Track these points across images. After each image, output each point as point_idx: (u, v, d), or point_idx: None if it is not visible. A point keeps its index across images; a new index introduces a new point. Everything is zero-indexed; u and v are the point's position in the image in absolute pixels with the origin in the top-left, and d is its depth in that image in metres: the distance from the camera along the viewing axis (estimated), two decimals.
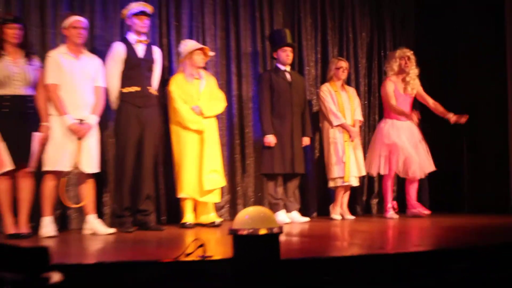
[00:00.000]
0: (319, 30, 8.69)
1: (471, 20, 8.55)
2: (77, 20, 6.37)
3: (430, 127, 8.38)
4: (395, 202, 8.02)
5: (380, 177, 8.20)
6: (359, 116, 7.94)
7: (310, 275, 3.85)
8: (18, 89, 6.06)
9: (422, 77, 8.18)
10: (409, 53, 8.04)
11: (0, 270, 2.06)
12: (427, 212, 7.91)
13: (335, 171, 7.73)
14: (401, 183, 8.38)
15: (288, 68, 7.66)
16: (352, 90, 8.10)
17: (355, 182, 7.87)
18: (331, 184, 7.85)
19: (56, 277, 2.49)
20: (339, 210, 7.85)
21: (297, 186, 7.71)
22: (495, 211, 7.90)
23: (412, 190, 8.03)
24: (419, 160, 7.87)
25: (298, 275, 3.80)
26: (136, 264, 3.94)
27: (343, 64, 7.94)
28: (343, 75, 7.93)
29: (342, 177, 7.71)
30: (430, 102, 8.08)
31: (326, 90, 7.87)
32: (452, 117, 7.79)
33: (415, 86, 8.03)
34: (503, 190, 8.19)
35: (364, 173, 7.91)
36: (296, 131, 7.55)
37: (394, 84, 7.99)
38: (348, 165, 7.69)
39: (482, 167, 8.47)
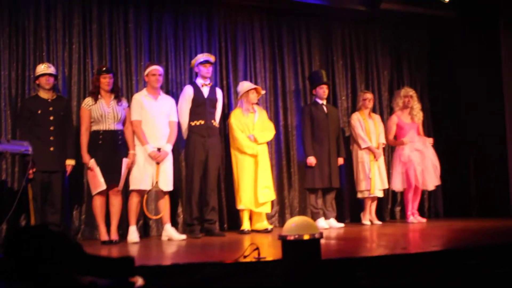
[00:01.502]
0: (349, 69, 8.63)
1: (473, 59, 8.48)
2: (155, 69, 6.46)
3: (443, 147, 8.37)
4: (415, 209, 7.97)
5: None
6: (383, 140, 7.88)
7: (346, 272, 3.84)
8: (110, 125, 6.17)
9: (433, 106, 8.30)
10: (412, 92, 8.05)
11: (93, 277, 2.09)
12: (423, 220, 7.86)
13: (362, 185, 7.70)
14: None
15: (324, 102, 7.65)
16: (377, 118, 8.03)
17: (380, 194, 7.80)
18: (359, 195, 7.81)
19: (140, 281, 2.51)
20: (368, 217, 7.80)
21: (334, 198, 7.65)
22: (498, 214, 7.80)
23: (415, 200, 7.94)
24: (430, 174, 7.79)
25: (336, 272, 3.79)
26: (204, 264, 3.95)
27: (368, 95, 7.90)
28: (369, 104, 7.88)
29: (368, 190, 7.67)
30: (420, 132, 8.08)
31: (356, 118, 7.84)
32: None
33: (420, 117, 8.02)
34: (505, 196, 8.13)
35: (387, 186, 7.83)
36: (332, 152, 7.52)
37: (398, 118, 7.97)
38: (373, 180, 7.63)
39: (486, 177, 8.38)
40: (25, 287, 2.03)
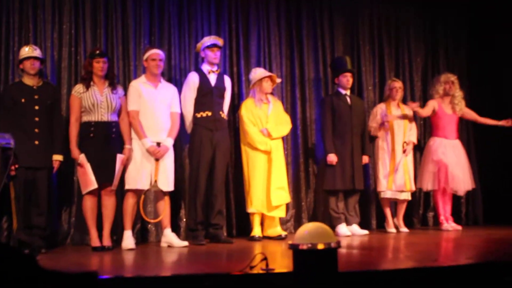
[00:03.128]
0: (377, 56, 8.53)
1: None
2: (155, 53, 6.40)
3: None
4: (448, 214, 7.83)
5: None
6: (413, 138, 7.72)
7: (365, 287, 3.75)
8: (103, 115, 6.11)
9: (473, 97, 8.19)
10: (453, 78, 7.93)
11: None
12: (459, 227, 7.73)
13: (382, 184, 7.58)
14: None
15: (348, 92, 7.53)
16: (408, 110, 7.86)
17: (404, 196, 7.66)
18: (381, 196, 7.67)
19: None
20: (393, 223, 7.65)
21: (357, 201, 7.56)
22: None
23: (447, 204, 7.82)
24: (462, 178, 7.71)
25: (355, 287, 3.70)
26: (206, 276, 3.91)
27: (397, 84, 7.76)
28: (398, 94, 7.75)
29: (390, 190, 7.55)
30: (479, 118, 8.00)
31: (379, 108, 7.74)
32: (506, 123, 7.72)
33: (462, 107, 7.92)
34: None
35: (414, 188, 7.70)
36: (356, 150, 7.41)
37: (438, 104, 7.85)
38: (391, 177, 7.53)
39: None
40: None
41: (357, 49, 8.43)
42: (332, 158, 7.26)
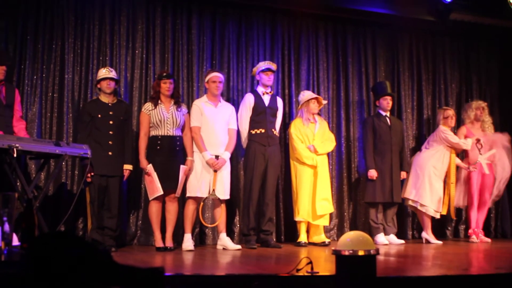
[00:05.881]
0: (415, 81, 8.40)
1: None
2: (216, 76, 6.41)
3: None
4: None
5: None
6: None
7: None
8: (169, 130, 6.13)
9: (503, 122, 8.12)
10: (484, 104, 7.75)
11: (120, 287, 2.02)
12: (487, 240, 7.51)
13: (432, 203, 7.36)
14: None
15: (388, 114, 7.44)
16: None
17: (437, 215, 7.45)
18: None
19: None
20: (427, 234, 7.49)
21: (395, 213, 7.41)
22: None
23: (480, 218, 7.61)
24: (488, 197, 7.54)
25: None
26: (256, 276, 3.89)
27: (450, 112, 7.55)
28: (452, 122, 7.54)
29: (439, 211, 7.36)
30: None
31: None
32: None
33: (491, 131, 7.72)
34: None
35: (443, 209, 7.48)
36: (395, 166, 7.28)
37: (467, 130, 7.66)
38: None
39: None
40: None
41: (397, 75, 8.32)
42: (372, 173, 7.18)
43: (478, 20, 8.15)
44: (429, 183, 7.31)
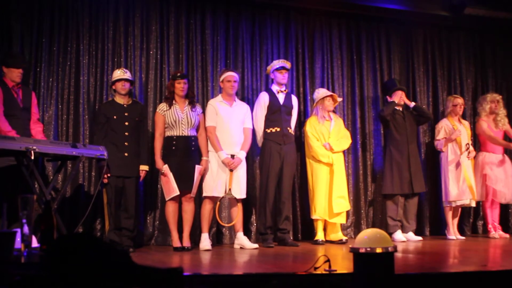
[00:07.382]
0: (431, 77, 8.34)
1: None
2: (230, 75, 6.41)
3: None
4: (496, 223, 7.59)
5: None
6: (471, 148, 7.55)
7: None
8: (184, 130, 6.15)
9: None
10: (499, 97, 7.75)
11: (139, 287, 2.03)
12: (506, 235, 7.48)
13: (451, 194, 7.35)
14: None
15: (401, 108, 7.39)
16: (467, 124, 7.71)
17: (470, 203, 7.43)
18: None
19: None
20: (452, 230, 7.46)
21: (416, 205, 7.30)
22: None
23: (495, 215, 7.58)
24: (506, 191, 7.48)
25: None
26: (274, 275, 3.89)
27: (459, 100, 7.61)
28: (460, 110, 7.60)
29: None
30: None
31: (444, 124, 7.56)
32: None
33: (505, 123, 7.70)
34: None
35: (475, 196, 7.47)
36: (412, 156, 7.22)
37: (487, 123, 7.64)
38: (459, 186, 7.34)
39: None
40: None
41: (412, 71, 8.27)
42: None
43: (493, 14, 8.10)
44: (451, 178, 7.38)
